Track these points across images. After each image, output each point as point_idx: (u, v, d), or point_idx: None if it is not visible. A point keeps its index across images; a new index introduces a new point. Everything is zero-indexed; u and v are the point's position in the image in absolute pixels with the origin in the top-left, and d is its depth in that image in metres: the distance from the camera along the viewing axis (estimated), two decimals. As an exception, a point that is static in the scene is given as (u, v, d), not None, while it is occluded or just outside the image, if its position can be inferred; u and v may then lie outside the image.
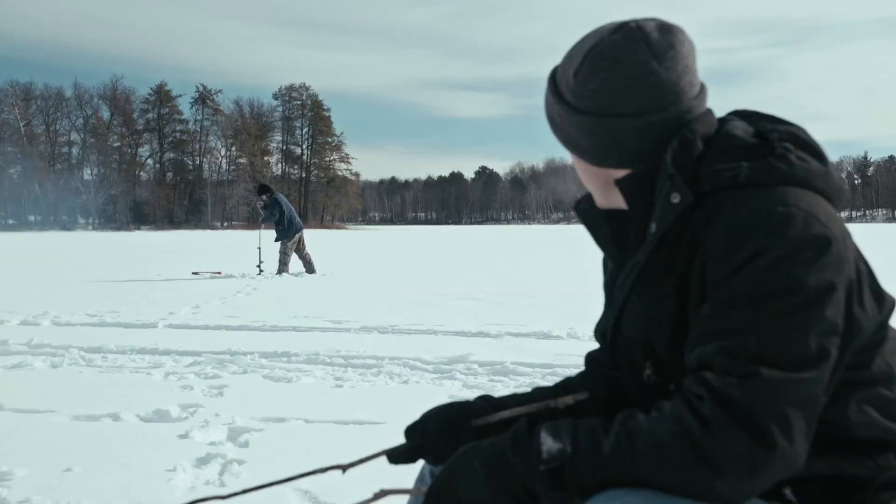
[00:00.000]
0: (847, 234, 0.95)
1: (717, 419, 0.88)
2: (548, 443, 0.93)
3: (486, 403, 1.20)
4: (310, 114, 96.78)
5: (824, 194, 0.98)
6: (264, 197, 12.32)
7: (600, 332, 1.22)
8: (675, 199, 0.98)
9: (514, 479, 0.94)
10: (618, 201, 1.09)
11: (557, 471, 0.92)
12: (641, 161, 1.03)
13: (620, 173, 1.05)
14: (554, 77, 1.09)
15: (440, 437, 1.15)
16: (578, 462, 0.91)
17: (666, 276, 1.01)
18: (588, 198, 1.17)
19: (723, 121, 1.06)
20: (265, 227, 12.76)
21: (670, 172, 0.99)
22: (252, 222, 63.27)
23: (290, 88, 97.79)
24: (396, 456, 1.18)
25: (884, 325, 0.98)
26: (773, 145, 0.99)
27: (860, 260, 0.96)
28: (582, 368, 1.30)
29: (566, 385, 1.25)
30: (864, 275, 0.95)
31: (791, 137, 1.01)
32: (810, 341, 0.88)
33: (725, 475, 0.87)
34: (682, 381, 0.95)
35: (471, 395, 3.70)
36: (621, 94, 1.01)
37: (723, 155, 0.99)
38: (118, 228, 68.68)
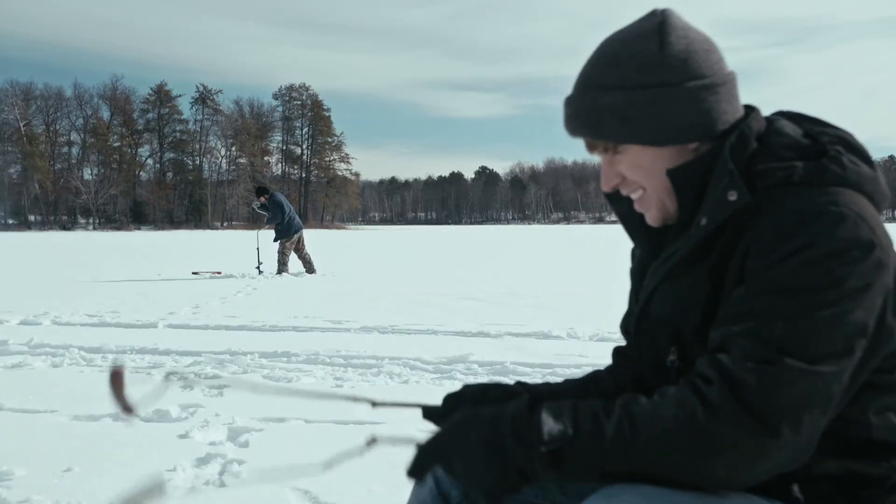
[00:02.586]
0: (891, 242, 0.95)
1: (724, 404, 0.88)
2: (549, 423, 0.92)
3: (524, 390, 1.22)
4: (310, 114, 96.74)
5: (872, 199, 0.99)
6: (262, 198, 12.31)
7: (625, 323, 1.22)
8: (733, 196, 0.97)
9: (510, 460, 0.93)
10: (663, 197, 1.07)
11: (557, 452, 0.91)
12: (708, 137, 1.03)
13: (676, 159, 1.04)
14: (605, 76, 1.05)
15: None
16: (579, 444, 0.91)
17: (702, 264, 1.01)
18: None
19: (770, 120, 1.07)
20: (268, 228, 12.76)
21: (730, 168, 0.99)
22: (252, 222, 63.33)
23: (290, 88, 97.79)
24: (430, 413, 1.21)
25: None
26: (825, 147, 0.99)
27: None
28: (576, 374, 1.30)
29: (595, 377, 1.26)
30: None
31: (841, 141, 1.02)
32: (837, 338, 0.88)
33: (727, 462, 0.87)
34: (696, 363, 0.95)
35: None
36: (703, 57, 1.02)
37: (776, 153, 0.99)
38: (118, 228, 68.67)
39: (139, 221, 78.45)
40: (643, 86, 1.01)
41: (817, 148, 1.00)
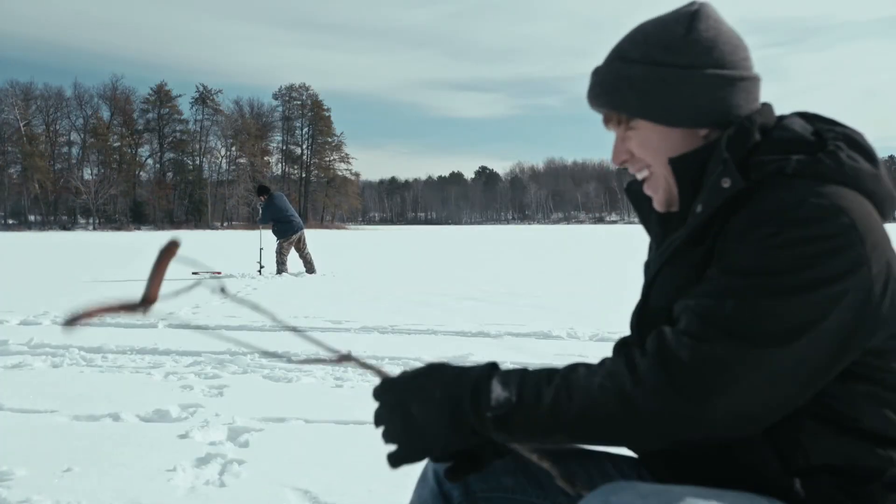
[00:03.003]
0: (882, 241, 0.94)
1: (651, 376, 0.91)
2: (497, 391, 0.96)
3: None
4: (310, 114, 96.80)
5: (872, 197, 0.98)
6: (262, 198, 12.32)
7: (632, 316, 1.24)
8: (726, 183, 0.99)
9: (465, 420, 0.97)
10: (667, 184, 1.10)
11: (502, 417, 0.95)
12: (718, 126, 1.05)
13: (683, 144, 1.06)
14: (631, 50, 1.08)
15: None
16: (520, 411, 0.95)
17: (697, 250, 1.03)
18: (637, 181, 1.19)
19: (783, 117, 1.08)
20: (262, 228, 12.79)
21: (724, 157, 1.00)
22: (252, 222, 63.29)
23: (290, 88, 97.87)
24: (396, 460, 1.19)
25: None
26: (826, 143, 1.00)
27: (887, 269, 0.93)
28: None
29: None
30: (889, 283, 0.93)
31: (845, 138, 1.02)
32: (786, 324, 0.89)
33: (649, 432, 0.91)
34: None
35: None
36: (728, 50, 1.06)
37: (777, 147, 1.01)
38: (118, 228, 68.71)
39: (139, 221, 78.48)
40: (663, 63, 1.05)
41: (819, 143, 1.01)
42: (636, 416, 0.91)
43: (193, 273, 12.02)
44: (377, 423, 1.02)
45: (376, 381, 1.05)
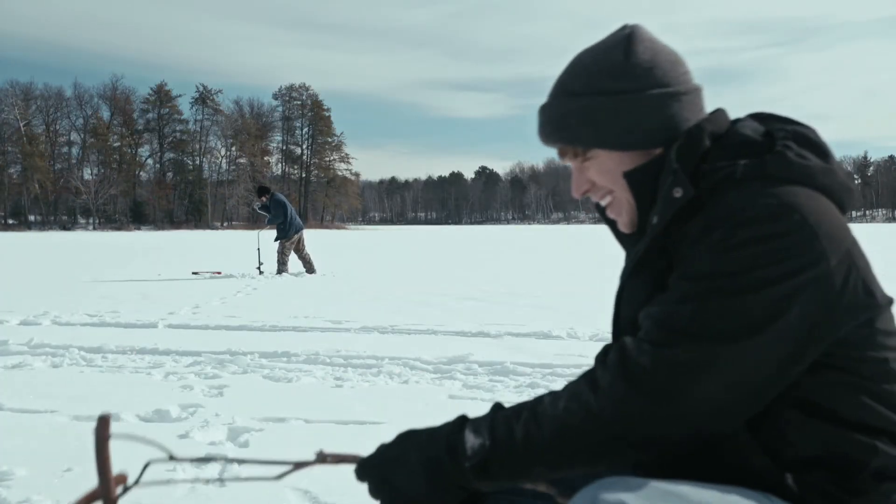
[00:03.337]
0: (838, 232, 0.94)
1: (614, 387, 0.93)
2: (470, 440, 0.97)
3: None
4: (310, 114, 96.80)
5: (827, 192, 1.00)
6: (264, 198, 12.31)
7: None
8: (678, 193, 1.01)
9: (447, 477, 0.98)
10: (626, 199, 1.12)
11: (481, 464, 0.96)
12: (672, 139, 1.06)
13: (636, 163, 1.08)
14: (574, 83, 1.10)
15: None
16: (496, 453, 0.96)
17: (656, 262, 1.05)
18: None
19: (736, 121, 1.10)
20: (270, 228, 12.77)
21: (673, 167, 1.02)
22: (252, 222, 63.31)
23: (290, 88, 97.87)
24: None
25: (872, 321, 0.97)
26: (774, 143, 1.02)
27: (848, 260, 0.94)
28: (577, 374, 1.31)
29: None
30: (850, 274, 0.94)
31: (795, 136, 1.03)
32: (744, 321, 0.90)
33: (627, 442, 0.92)
34: None
35: (471, 394, 3.71)
36: (668, 67, 1.08)
37: (726, 152, 1.02)
38: (118, 228, 68.72)
39: (139, 221, 78.49)
40: (608, 92, 1.06)
41: (768, 144, 1.02)
42: (606, 428, 0.92)
43: (193, 273, 12.03)
44: (373, 497, 1.05)
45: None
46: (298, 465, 1.07)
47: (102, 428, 0.97)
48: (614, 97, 1.06)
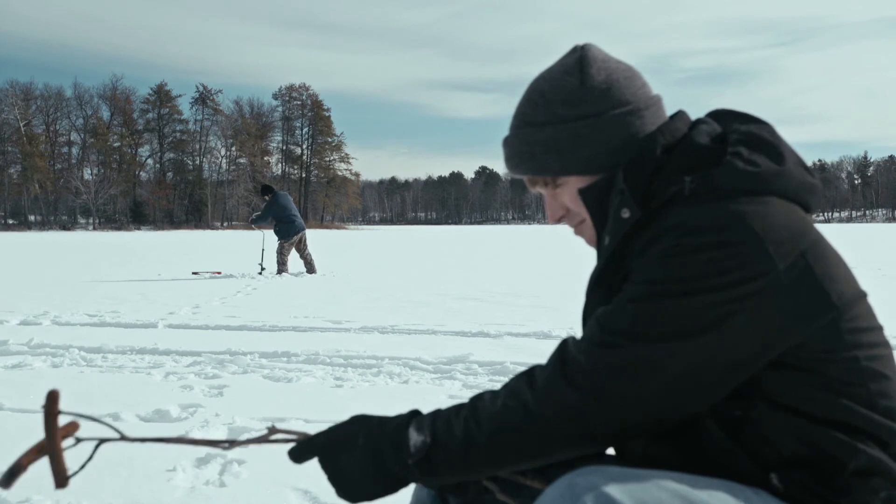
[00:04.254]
0: (790, 237, 0.93)
1: (551, 384, 0.94)
2: (413, 437, 0.99)
3: None
4: (310, 114, 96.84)
5: (783, 195, 0.99)
6: (266, 197, 12.29)
7: None
8: (625, 214, 1.02)
9: (390, 470, 1.00)
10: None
11: (424, 461, 0.98)
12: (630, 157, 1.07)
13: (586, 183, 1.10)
14: (534, 114, 1.10)
15: None
16: (437, 450, 0.98)
17: (611, 280, 1.06)
18: None
19: (695, 124, 1.09)
20: (256, 228, 12.78)
21: (620, 188, 1.03)
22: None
23: (290, 88, 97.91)
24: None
25: (836, 323, 0.95)
26: (724, 152, 1.01)
27: (801, 264, 0.93)
28: None
29: None
30: (804, 280, 0.93)
31: (748, 138, 1.02)
32: (686, 323, 0.91)
33: (562, 439, 0.94)
34: None
35: (471, 394, 3.71)
36: (624, 85, 1.08)
37: (677, 166, 1.02)
38: (118, 228, 68.71)
39: (139, 221, 78.48)
40: (569, 119, 1.07)
41: (718, 153, 1.01)
42: (543, 425, 0.94)
43: (193, 273, 12.03)
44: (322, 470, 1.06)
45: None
46: (249, 441, 1.08)
47: (51, 403, 1.00)
48: (575, 123, 1.06)
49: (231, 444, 1.07)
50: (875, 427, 0.95)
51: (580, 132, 1.06)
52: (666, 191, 1.00)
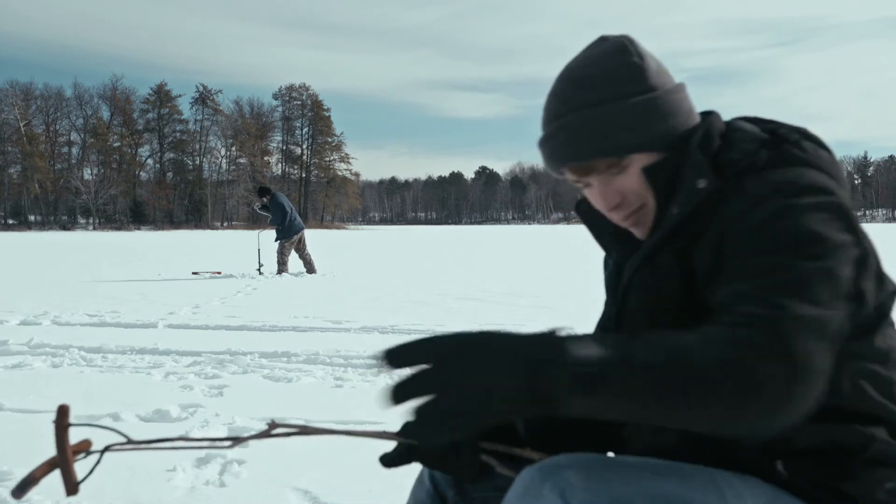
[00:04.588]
0: (856, 216, 0.98)
1: (767, 344, 0.82)
2: (580, 349, 0.79)
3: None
4: (310, 114, 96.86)
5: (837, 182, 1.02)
6: (265, 199, 12.30)
7: (602, 326, 1.25)
8: (702, 184, 1.01)
9: (545, 380, 0.76)
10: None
11: (592, 376, 0.77)
12: (688, 133, 1.07)
13: (646, 161, 1.07)
14: (593, 94, 1.06)
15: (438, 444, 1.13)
16: (618, 369, 0.78)
17: (671, 251, 1.04)
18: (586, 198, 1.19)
19: (729, 122, 1.12)
20: (270, 228, 12.77)
21: (698, 158, 1.03)
22: (252, 222, 63.28)
23: (290, 88, 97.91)
24: (391, 460, 1.18)
25: (883, 307, 1.00)
26: (785, 136, 1.04)
27: (867, 240, 0.98)
28: None
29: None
30: (870, 254, 0.97)
31: (799, 131, 1.07)
32: (833, 286, 0.89)
33: (766, 401, 0.81)
34: (716, 318, 0.91)
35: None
36: (664, 67, 1.11)
37: (739, 146, 1.03)
38: (118, 228, 68.73)
39: (139, 221, 78.48)
40: (637, 93, 1.06)
41: (779, 138, 1.04)
42: (755, 385, 0.81)
43: (193, 273, 12.03)
44: (413, 390, 0.75)
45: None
46: (250, 437, 1.08)
47: (61, 417, 0.98)
48: (643, 97, 1.05)
49: (233, 442, 1.06)
50: (891, 416, 0.96)
51: (649, 106, 1.05)
52: (738, 162, 1.01)
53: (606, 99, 1.05)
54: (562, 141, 1.07)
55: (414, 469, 1.23)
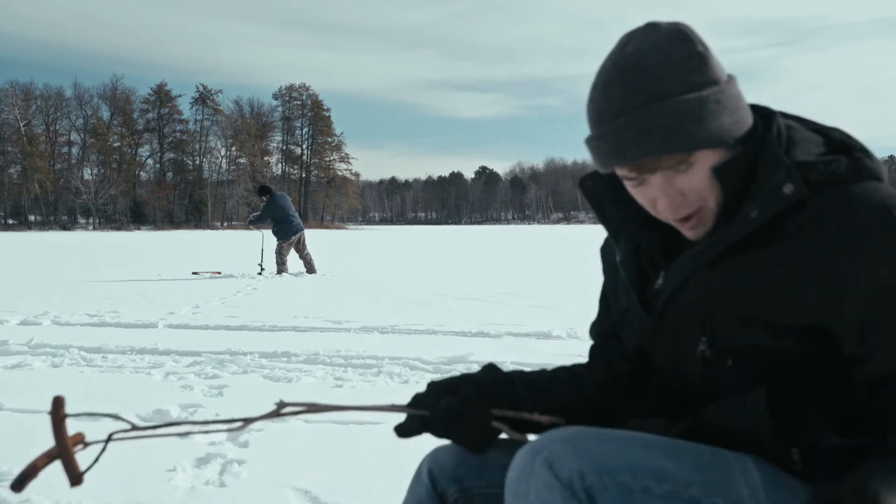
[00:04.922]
0: None
1: None
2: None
3: (493, 383, 1.20)
4: (310, 114, 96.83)
5: None
6: (265, 198, 12.30)
7: (597, 331, 1.27)
8: (788, 189, 0.97)
9: None
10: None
11: None
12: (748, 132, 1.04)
13: (714, 158, 1.01)
14: (659, 86, 0.99)
15: (449, 412, 1.15)
16: None
17: (746, 254, 1.00)
18: (594, 175, 1.17)
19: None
20: (254, 228, 12.77)
21: (784, 161, 0.99)
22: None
23: (290, 88, 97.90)
24: (405, 430, 1.19)
25: None
26: (846, 142, 1.02)
27: None
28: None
29: (573, 369, 1.28)
30: None
31: (848, 136, 1.04)
32: None
33: None
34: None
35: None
36: (718, 59, 1.04)
37: (806, 146, 1.01)
38: (118, 228, 68.71)
39: (139, 221, 78.45)
40: (705, 84, 0.99)
41: (836, 143, 1.02)
42: None
43: (193, 273, 12.03)
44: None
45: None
46: (260, 417, 1.07)
47: (57, 408, 0.98)
48: (709, 89, 0.99)
49: (245, 422, 1.05)
50: None
51: (720, 98, 0.99)
52: (817, 168, 0.98)
53: (676, 91, 0.98)
54: (631, 136, 0.99)
55: (413, 469, 1.23)
